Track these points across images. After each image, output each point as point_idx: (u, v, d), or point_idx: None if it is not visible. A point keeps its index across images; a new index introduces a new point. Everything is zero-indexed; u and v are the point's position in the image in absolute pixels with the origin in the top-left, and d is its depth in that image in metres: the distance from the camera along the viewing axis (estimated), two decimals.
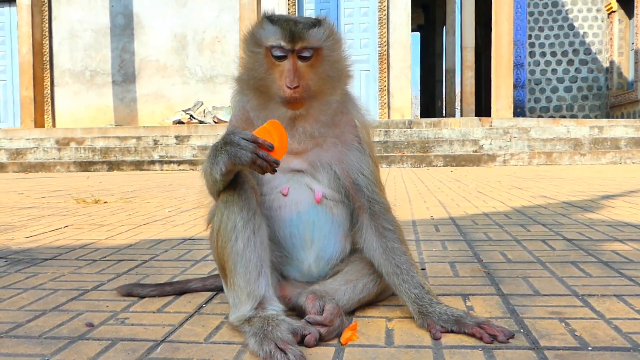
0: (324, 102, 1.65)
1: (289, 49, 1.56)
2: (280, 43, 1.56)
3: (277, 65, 1.58)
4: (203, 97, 15.72)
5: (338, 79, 1.67)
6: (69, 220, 3.98)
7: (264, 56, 1.60)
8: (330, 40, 1.63)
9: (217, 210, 1.57)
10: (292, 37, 1.56)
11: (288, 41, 1.56)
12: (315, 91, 1.61)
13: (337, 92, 1.67)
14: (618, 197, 4.87)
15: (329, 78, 1.63)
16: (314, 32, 1.59)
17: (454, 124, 13.08)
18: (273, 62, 1.58)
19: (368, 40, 15.12)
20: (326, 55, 1.62)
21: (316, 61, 1.60)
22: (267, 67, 1.59)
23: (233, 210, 1.53)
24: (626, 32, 19.17)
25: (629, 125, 12.72)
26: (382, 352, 1.40)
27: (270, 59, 1.58)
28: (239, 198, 1.55)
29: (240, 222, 1.53)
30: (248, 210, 1.54)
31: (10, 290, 2.07)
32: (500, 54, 13.51)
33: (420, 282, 1.62)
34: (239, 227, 1.53)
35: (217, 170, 1.49)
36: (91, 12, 16.29)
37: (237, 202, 1.54)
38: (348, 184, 1.69)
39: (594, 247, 2.67)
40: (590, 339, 1.45)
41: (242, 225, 1.53)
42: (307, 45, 1.57)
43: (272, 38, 1.58)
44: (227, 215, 1.53)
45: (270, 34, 1.59)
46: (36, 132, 14.54)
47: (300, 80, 1.55)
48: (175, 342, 1.49)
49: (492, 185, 6.53)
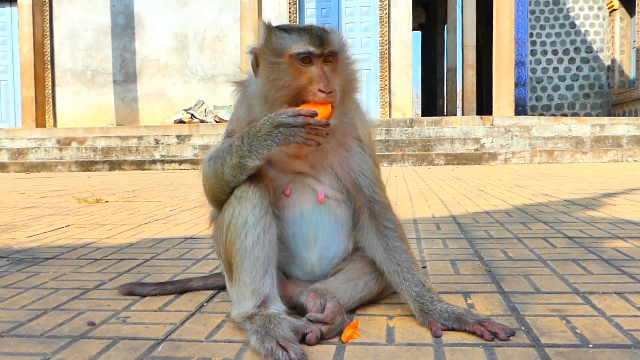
0: (343, 110, 1.63)
1: (318, 54, 1.56)
2: (309, 48, 1.55)
3: (305, 72, 1.56)
4: (204, 97, 15.73)
5: (352, 85, 1.68)
6: (70, 220, 3.98)
7: (287, 65, 1.56)
8: (342, 45, 1.65)
9: (229, 206, 1.57)
10: (320, 41, 1.56)
11: (317, 46, 1.55)
12: (340, 98, 1.60)
13: (352, 98, 1.69)
14: (619, 195, 4.87)
15: (346, 82, 1.65)
16: (333, 35, 1.61)
17: (455, 123, 13.08)
18: (300, 70, 1.56)
19: (369, 39, 15.12)
20: (342, 59, 1.64)
21: (336, 65, 1.61)
22: (293, 75, 1.56)
23: (245, 207, 1.53)
24: (628, 30, 19.14)
25: (631, 123, 12.70)
26: (383, 350, 1.40)
27: (296, 67, 1.56)
28: (253, 195, 1.55)
29: (252, 219, 1.53)
30: (260, 208, 1.54)
31: (11, 289, 2.07)
32: (502, 52, 13.50)
33: (421, 280, 1.62)
34: (250, 224, 1.53)
35: (258, 155, 1.49)
36: (92, 12, 16.30)
37: (251, 199, 1.54)
38: (349, 184, 1.70)
39: (595, 244, 2.67)
40: (591, 337, 1.44)
41: (254, 223, 1.53)
42: (332, 50, 1.58)
43: (298, 45, 1.55)
44: (239, 211, 1.54)
45: (294, 41, 1.56)
46: (37, 132, 14.55)
47: (332, 84, 1.55)
48: (176, 341, 1.49)
49: (494, 183, 6.53)
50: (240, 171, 1.53)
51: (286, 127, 1.47)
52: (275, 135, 1.48)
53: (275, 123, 1.48)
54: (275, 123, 1.48)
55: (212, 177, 1.59)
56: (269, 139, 1.48)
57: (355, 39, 15.08)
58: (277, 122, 1.47)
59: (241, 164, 1.52)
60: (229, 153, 1.54)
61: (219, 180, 1.57)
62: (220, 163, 1.56)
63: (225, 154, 1.55)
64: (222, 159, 1.56)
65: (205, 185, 1.64)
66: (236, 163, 1.52)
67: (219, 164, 1.56)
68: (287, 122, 1.46)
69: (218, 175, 1.57)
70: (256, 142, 1.49)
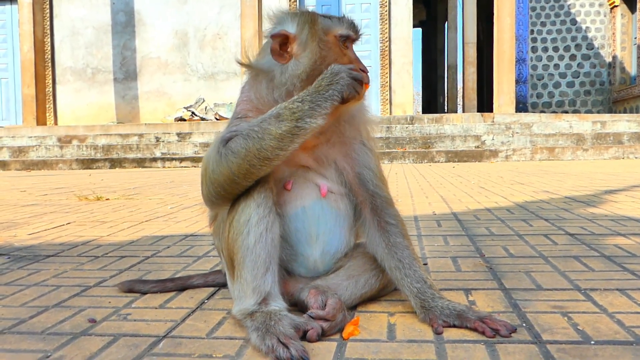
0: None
1: (354, 39, 1.68)
2: (350, 32, 1.66)
3: (345, 53, 1.65)
4: (204, 94, 15.72)
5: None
6: (71, 218, 3.98)
7: (333, 44, 1.63)
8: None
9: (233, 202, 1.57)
10: (357, 28, 1.69)
11: (355, 32, 1.68)
12: None
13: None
14: (621, 192, 4.86)
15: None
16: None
17: (455, 120, 13.07)
18: (341, 50, 1.64)
19: (370, 36, 15.10)
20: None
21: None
22: (336, 54, 1.63)
23: (249, 205, 1.53)
24: (629, 27, 19.11)
25: (632, 120, 12.69)
26: (384, 346, 1.40)
27: (338, 47, 1.64)
28: (258, 194, 1.54)
29: (255, 217, 1.52)
30: (264, 207, 1.54)
31: (13, 286, 2.07)
32: (502, 49, 13.48)
33: (422, 277, 1.62)
34: (252, 222, 1.52)
35: (322, 110, 1.48)
36: (92, 10, 16.29)
37: (255, 198, 1.53)
38: (351, 178, 1.69)
39: (596, 241, 2.67)
40: (592, 333, 1.44)
41: (257, 221, 1.52)
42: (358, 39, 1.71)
43: (343, 27, 1.65)
44: (243, 209, 1.53)
45: (338, 24, 1.66)
46: (38, 130, 14.55)
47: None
48: (177, 338, 1.49)
49: (494, 180, 6.52)
50: (293, 139, 1.46)
51: (347, 74, 1.50)
52: (337, 82, 1.49)
53: (336, 71, 1.51)
54: (336, 71, 1.51)
55: (241, 158, 1.48)
56: (331, 88, 1.49)
57: None
58: (337, 69, 1.51)
59: (298, 128, 1.46)
60: (275, 122, 1.46)
61: (250, 161, 1.47)
62: (258, 137, 1.46)
63: (267, 126, 1.47)
64: (262, 133, 1.47)
65: (217, 175, 1.52)
66: (290, 129, 1.45)
67: (253, 142, 1.46)
68: (346, 70, 1.51)
69: (251, 154, 1.47)
70: (318, 96, 1.48)
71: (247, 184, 1.52)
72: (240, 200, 1.55)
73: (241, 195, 1.55)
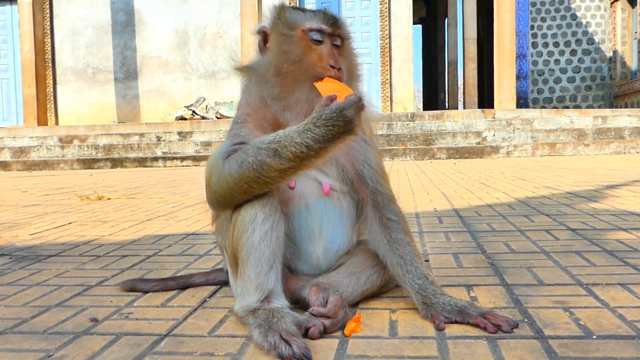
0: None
1: (329, 33, 1.61)
2: (322, 26, 1.61)
3: (314, 49, 1.60)
4: (205, 93, 15.72)
5: (356, 74, 1.73)
6: (73, 217, 3.99)
7: (299, 39, 1.60)
8: (349, 34, 1.72)
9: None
10: (333, 22, 1.62)
11: (329, 25, 1.61)
12: (346, 81, 1.64)
13: (355, 85, 1.72)
14: (622, 187, 4.85)
15: (351, 69, 1.69)
16: (344, 23, 1.68)
17: (456, 116, 13.05)
18: (310, 46, 1.60)
19: (370, 33, 15.09)
20: (347, 47, 1.69)
21: (342, 50, 1.66)
22: (303, 49, 1.59)
23: (255, 204, 1.52)
24: (629, 21, 19.07)
25: (633, 114, 12.67)
26: (385, 343, 1.40)
27: (306, 42, 1.60)
28: (264, 193, 1.54)
29: (261, 215, 1.52)
30: (270, 206, 1.53)
31: (14, 286, 2.07)
32: (503, 45, 13.46)
33: (424, 273, 1.62)
34: (258, 220, 1.52)
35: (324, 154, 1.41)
36: (92, 9, 16.28)
37: (262, 197, 1.53)
38: (353, 175, 1.69)
39: (598, 236, 2.67)
40: (594, 328, 1.44)
41: (263, 220, 1.52)
42: (341, 33, 1.64)
43: (312, 21, 1.61)
44: (249, 207, 1.53)
45: (308, 17, 1.62)
46: (39, 130, 14.56)
47: (339, 63, 1.60)
48: (179, 336, 1.49)
49: (496, 176, 6.52)
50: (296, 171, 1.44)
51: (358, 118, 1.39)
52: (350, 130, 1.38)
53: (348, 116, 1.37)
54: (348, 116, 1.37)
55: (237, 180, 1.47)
56: (342, 136, 1.38)
57: (356, 33, 15.03)
58: (348, 115, 1.37)
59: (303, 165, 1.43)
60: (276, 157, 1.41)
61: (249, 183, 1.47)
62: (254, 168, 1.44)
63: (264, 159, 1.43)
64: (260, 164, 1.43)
65: (218, 185, 1.53)
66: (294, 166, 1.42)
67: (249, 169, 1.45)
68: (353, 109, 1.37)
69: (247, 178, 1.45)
70: (325, 140, 1.38)
71: (247, 198, 1.52)
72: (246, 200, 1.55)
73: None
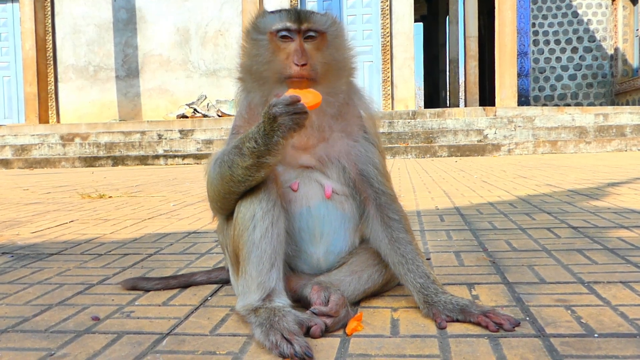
0: (329, 91, 1.64)
1: (295, 29, 1.61)
2: (286, 24, 1.61)
3: (283, 48, 1.61)
4: (206, 91, 15.71)
5: (342, 68, 1.69)
6: (74, 215, 3.99)
7: (268, 41, 1.63)
8: (333, 28, 1.68)
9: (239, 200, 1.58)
10: (298, 17, 1.61)
11: (294, 21, 1.61)
12: (321, 76, 1.62)
13: (342, 81, 1.69)
14: (623, 185, 4.85)
15: (333, 63, 1.66)
16: (318, 16, 1.65)
17: (458, 114, 13.04)
18: (278, 46, 1.61)
19: (371, 31, 15.06)
20: (330, 40, 1.67)
21: (321, 44, 1.64)
22: (272, 51, 1.62)
23: (253, 201, 1.54)
24: (630, 19, 19.03)
25: (635, 112, 12.64)
26: (387, 342, 1.40)
27: (275, 43, 1.62)
28: (262, 191, 1.55)
29: (259, 212, 1.53)
30: (268, 201, 1.54)
31: (16, 285, 2.08)
32: (504, 42, 13.44)
33: (425, 272, 1.61)
34: (258, 217, 1.53)
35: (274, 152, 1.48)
36: (94, 7, 16.27)
37: (259, 194, 1.54)
38: (355, 175, 1.69)
39: (599, 234, 2.66)
40: (596, 326, 1.44)
41: (262, 216, 1.53)
42: (312, 27, 1.62)
43: (277, 22, 1.62)
44: (248, 204, 1.54)
45: (274, 19, 1.63)
46: (41, 128, 14.57)
47: (307, 59, 1.59)
48: (180, 335, 1.49)
49: (497, 174, 6.51)
50: (258, 169, 1.50)
51: (286, 118, 1.44)
52: (278, 129, 1.45)
53: (272, 114, 1.45)
54: (272, 114, 1.45)
55: (219, 181, 1.56)
56: (275, 134, 1.45)
57: (357, 31, 15.02)
58: (273, 113, 1.44)
59: (260, 162, 1.49)
60: (240, 155, 1.50)
61: (228, 183, 1.54)
62: (228, 166, 1.52)
63: (234, 157, 1.52)
64: (231, 163, 1.52)
65: (210, 190, 1.61)
66: (254, 163, 1.49)
67: (225, 168, 1.53)
68: (283, 111, 1.44)
69: (227, 178, 1.53)
70: (267, 139, 1.46)
71: (235, 198, 1.57)
72: (245, 197, 1.55)
73: (246, 192, 1.55)
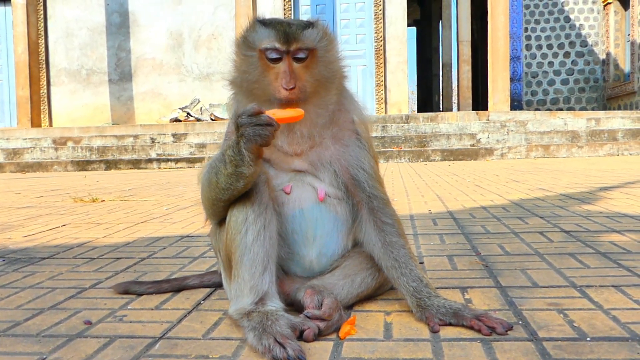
0: (319, 104, 1.64)
1: (284, 50, 1.57)
2: (275, 45, 1.57)
3: (272, 67, 1.58)
4: (200, 95, 15.69)
5: (332, 80, 1.67)
6: (67, 219, 3.97)
7: (258, 59, 1.60)
8: (324, 41, 1.64)
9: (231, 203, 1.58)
10: (287, 38, 1.57)
11: (283, 42, 1.57)
12: (311, 92, 1.61)
13: (331, 92, 1.68)
14: (615, 189, 4.87)
15: (324, 79, 1.64)
16: (308, 33, 1.60)
17: (451, 118, 13.08)
18: (268, 65, 1.58)
19: (364, 35, 15.09)
20: (320, 56, 1.63)
21: (311, 62, 1.61)
22: (261, 69, 1.59)
23: (246, 204, 1.54)
24: (622, 24, 19.16)
25: (626, 116, 12.73)
26: (380, 345, 1.40)
27: (264, 61, 1.59)
28: (251, 191, 1.55)
29: (251, 215, 1.53)
30: (260, 204, 1.54)
31: (8, 289, 2.06)
32: (497, 47, 13.50)
33: (418, 276, 1.62)
34: (250, 220, 1.53)
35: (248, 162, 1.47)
36: (86, 11, 16.23)
37: (251, 197, 1.54)
38: (347, 180, 1.69)
39: (591, 238, 2.68)
40: (588, 330, 1.45)
41: (254, 219, 1.53)
42: (302, 47, 1.58)
43: (266, 40, 1.58)
44: (240, 208, 1.54)
45: (264, 36, 1.59)
46: (33, 132, 14.50)
47: (296, 81, 1.56)
48: (173, 339, 1.49)
49: (490, 178, 6.53)
50: (238, 178, 1.50)
51: (249, 131, 1.44)
52: (244, 143, 1.45)
53: (239, 129, 1.46)
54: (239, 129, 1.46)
55: (207, 187, 1.57)
56: (242, 148, 1.46)
57: (350, 36, 15.05)
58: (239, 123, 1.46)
59: (238, 172, 1.49)
60: (223, 162, 1.51)
61: (214, 190, 1.55)
62: (215, 172, 1.54)
63: (218, 164, 1.53)
64: (216, 170, 1.53)
65: (202, 195, 1.62)
66: (233, 172, 1.49)
67: (213, 174, 1.54)
68: (246, 124, 1.45)
69: (213, 185, 1.55)
70: (239, 152, 1.47)
71: (223, 205, 1.57)
72: (237, 201, 1.56)
73: (238, 196, 1.56)
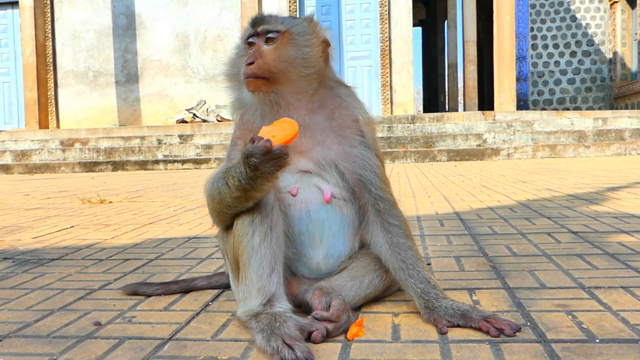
0: (298, 87, 1.68)
1: (254, 32, 1.69)
2: (249, 30, 1.71)
3: (248, 52, 1.70)
4: (206, 96, 15.73)
5: (307, 64, 1.68)
6: (75, 221, 3.99)
7: (243, 50, 1.74)
8: (300, 26, 1.71)
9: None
10: (257, 20, 1.71)
11: (253, 25, 1.70)
12: (280, 74, 1.65)
13: (311, 77, 1.69)
14: (623, 189, 4.85)
15: (296, 60, 1.66)
16: (280, 18, 1.72)
17: (457, 119, 13.06)
18: (247, 51, 1.71)
19: (370, 36, 15.09)
20: (293, 38, 1.68)
21: (281, 44, 1.67)
22: (240, 56, 1.74)
23: (252, 206, 1.54)
24: (629, 23, 19.08)
25: (633, 116, 12.66)
26: (388, 347, 1.40)
27: (246, 50, 1.72)
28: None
29: (258, 217, 1.53)
30: (266, 206, 1.55)
31: (18, 290, 2.08)
32: (503, 47, 13.46)
33: (426, 277, 1.62)
34: (256, 222, 1.53)
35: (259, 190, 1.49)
36: (93, 13, 16.30)
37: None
38: (353, 181, 1.69)
39: (599, 239, 2.67)
40: (597, 332, 1.44)
41: (260, 221, 1.53)
42: (270, 28, 1.68)
43: (246, 30, 1.73)
44: (246, 210, 1.54)
45: (246, 28, 1.74)
46: (41, 134, 14.57)
47: (258, 58, 1.64)
48: (182, 340, 1.50)
49: (497, 179, 6.52)
50: (247, 199, 1.51)
51: (268, 165, 1.44)
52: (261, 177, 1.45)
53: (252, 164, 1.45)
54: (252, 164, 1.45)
55: (211, 201, 1.59)
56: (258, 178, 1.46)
57: (356, 36, 15.06)
58: (253, 165, 1.45)
59: (248, 196, 1.50)
60: (227, 187, 1.51)
61: (219, 205, 1.57)
62: (218, 192, 1.54)
63: (222, 186, 1.52)
64: (219, 190, 1.54)
65: (208, 206, 1.64)
66: (242, 195, 1.50)
67: (216, 193, 1.55)
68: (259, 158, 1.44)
69: (216, 201, 1.56)
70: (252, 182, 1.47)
71: (229, 217, 1.58)
72: None
73: None
